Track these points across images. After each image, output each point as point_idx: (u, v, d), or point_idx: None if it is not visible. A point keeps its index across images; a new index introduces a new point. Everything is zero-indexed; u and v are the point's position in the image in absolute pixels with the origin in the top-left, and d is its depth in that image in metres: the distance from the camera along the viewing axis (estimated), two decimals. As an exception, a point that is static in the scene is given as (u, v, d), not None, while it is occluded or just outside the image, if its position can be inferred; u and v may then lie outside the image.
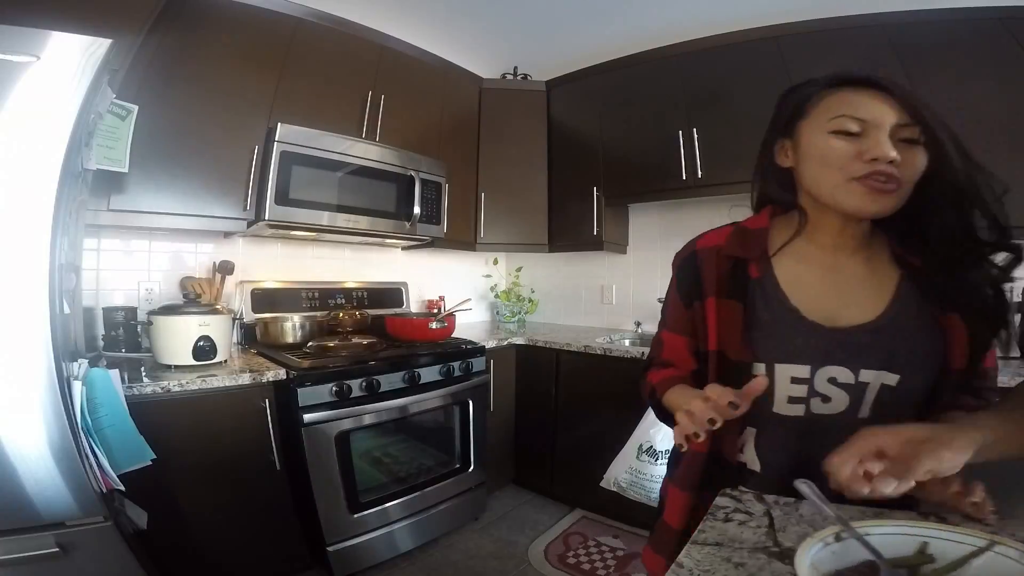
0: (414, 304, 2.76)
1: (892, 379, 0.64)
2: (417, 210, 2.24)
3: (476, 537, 2.15)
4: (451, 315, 2.26)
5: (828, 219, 0.69)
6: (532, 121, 2.79)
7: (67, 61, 1.03)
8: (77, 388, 1.08)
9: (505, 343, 2.47)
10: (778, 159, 0.72)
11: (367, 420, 1.81)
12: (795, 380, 0.65)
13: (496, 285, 3.15)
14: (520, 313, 3.03)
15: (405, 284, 2.71)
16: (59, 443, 1.03)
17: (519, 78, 2.94)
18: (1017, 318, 1.82)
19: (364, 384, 1.78)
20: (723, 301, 0.69)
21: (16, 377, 0.99)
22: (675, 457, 0.82)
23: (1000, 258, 0.63)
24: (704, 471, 0.72)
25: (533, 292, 3.17)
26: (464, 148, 2.68)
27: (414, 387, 1.93)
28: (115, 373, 1.23)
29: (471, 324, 2.95)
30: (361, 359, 1.85)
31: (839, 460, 0.53)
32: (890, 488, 0.50)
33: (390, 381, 1.86)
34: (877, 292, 0.67)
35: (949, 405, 0.66)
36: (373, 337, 2.11)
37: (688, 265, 0.75)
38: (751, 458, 0.70)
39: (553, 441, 2.41)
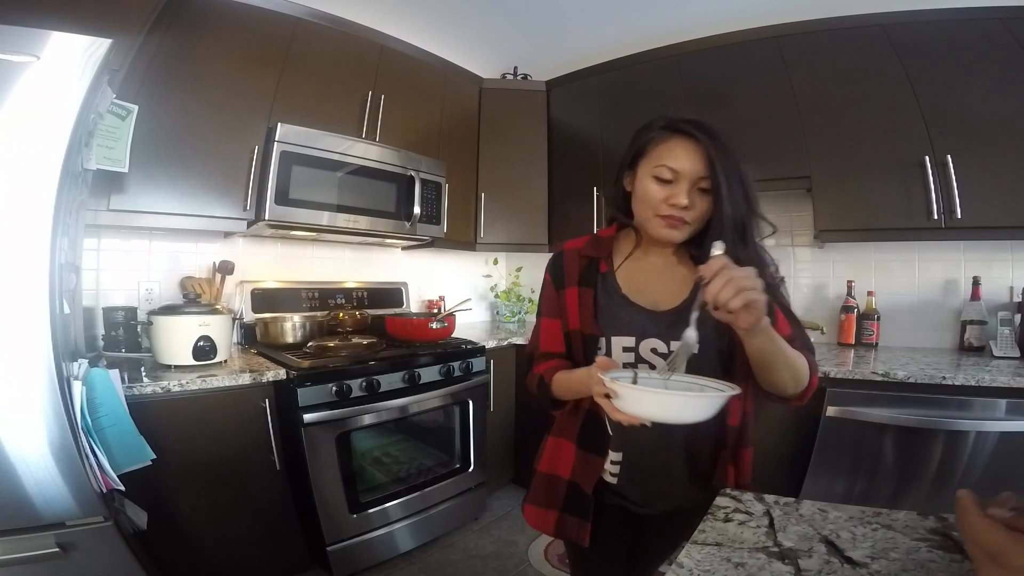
0: (414, 304, 2.76)
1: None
2: (417, 210, 2.24)
3: (476, 537, 2.15)
4: (451, 315, 2.25)
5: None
6: (532, 121, 2.79)
7: (67, 61, 1.04)
8: (77, 388, 1.08)
9: (505, 343, 2.47)
10: (626, 185, 0.91)
11: (367, 420, 1.81)
12: (625, 349, 0.87)
13: (496, 285, 3.15)
14: (520, 313, 3.04)
15: (405, 284, 2.71)
16: (59, 443, 1.03)
17: (519, 78, 2.94)
18: (1017, 318, 1.83)
19: (364, 384, 1.78)
20: (581, 289, 0.92)
21: (16, 377, 0.99)
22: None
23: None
24: (584, 425, 0.93)
25: (533, 292, 3.17)
26: (464, 148, 2.68)
27: (414, 387, 1.93)
28: (115, 373, 1.23)
29: (471, 324, 2.95)
30: (361, 359, 1.85)
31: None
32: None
33: (390, 381, 1.86)
34: (680, 286, 0.89)
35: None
36: (373, 337, 2.11)
37: (558, 261, 0.98)
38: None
39: (553, 441, 2.40)
